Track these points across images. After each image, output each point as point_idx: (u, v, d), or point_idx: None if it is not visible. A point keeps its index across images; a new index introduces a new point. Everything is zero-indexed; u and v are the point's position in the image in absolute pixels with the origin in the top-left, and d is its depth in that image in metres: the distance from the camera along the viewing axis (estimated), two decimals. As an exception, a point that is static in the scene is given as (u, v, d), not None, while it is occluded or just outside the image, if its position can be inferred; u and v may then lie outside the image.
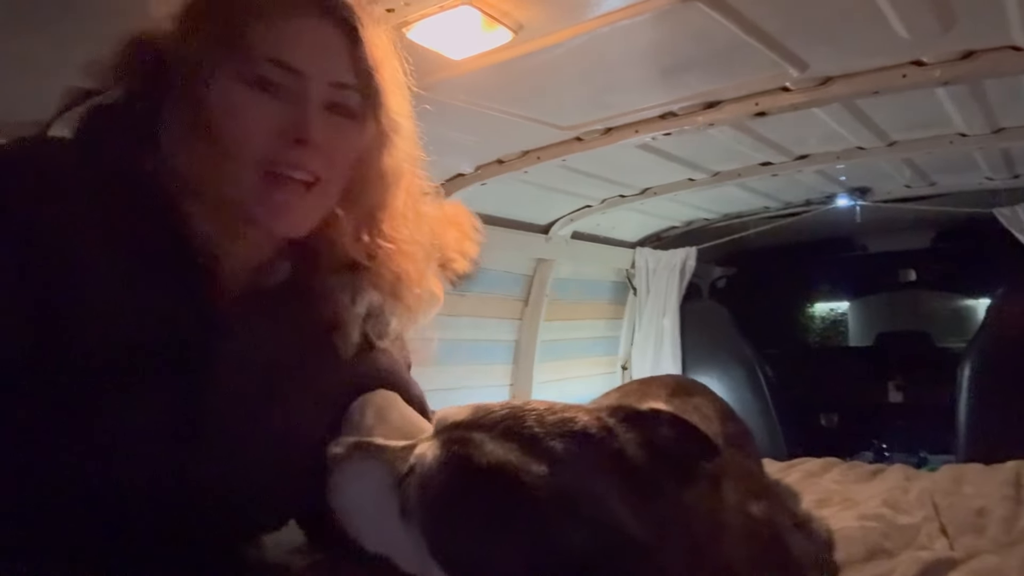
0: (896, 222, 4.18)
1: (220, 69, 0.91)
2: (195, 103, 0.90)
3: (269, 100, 0.91)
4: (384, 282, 1.07)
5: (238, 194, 0.92)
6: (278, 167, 0.92)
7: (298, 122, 0.92)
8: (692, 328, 4.32)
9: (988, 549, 1.25)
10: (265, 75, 0.91)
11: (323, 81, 0.94)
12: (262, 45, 0.91)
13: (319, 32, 0.95)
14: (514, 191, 2.89)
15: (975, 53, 1.84)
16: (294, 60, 0.92)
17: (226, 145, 0.90)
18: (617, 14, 1.57)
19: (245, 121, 0.91)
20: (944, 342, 5.08)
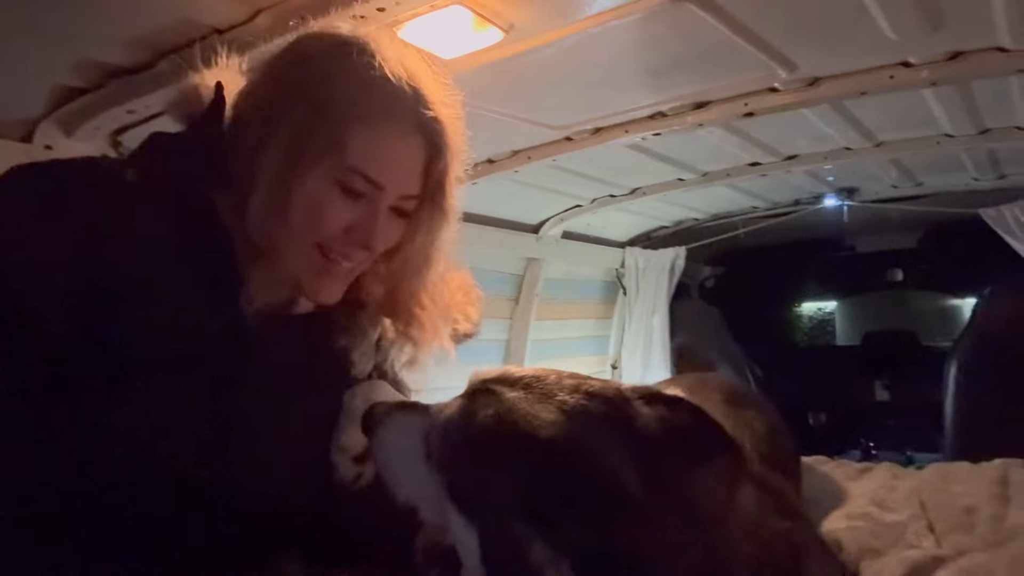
0: (883, 222, 4.21)
1: (314, 161, 0.97)
2: (280, 179, 0.97)
3: (347, 201, 1.00)
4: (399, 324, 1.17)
5: (292, 263, 1.01)
6: (333, 253, 1.01)
7: (367, 230, 1.01)
8: (681, 327, 4.33)
9: (976, 547, 1.26)
10: (351, 184, 0.99)
11: (396, 194, 1.03)
12: (356, 157, 0.98)
13: (406, 148, 1.03)
14: (504, 191, 2.89)
15: (962, 54, 1.86)
16: (377, 175, 1.00)
17: (297, 225, 0.98)
18: (607, 15, 1.57)
19: (322, 215, 0.99)
20: (931, 341, 5.12)
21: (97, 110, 1.67)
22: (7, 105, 1.66)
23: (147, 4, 1.38)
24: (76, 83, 1.63)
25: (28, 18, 1.36)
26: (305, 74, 1.00)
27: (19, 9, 1.33)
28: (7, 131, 1.71)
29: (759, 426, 1.42)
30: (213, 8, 1.40)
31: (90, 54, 1.53)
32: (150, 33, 1.47)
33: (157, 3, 1.38)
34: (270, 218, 0.98)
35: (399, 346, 1.20)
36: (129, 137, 1.83)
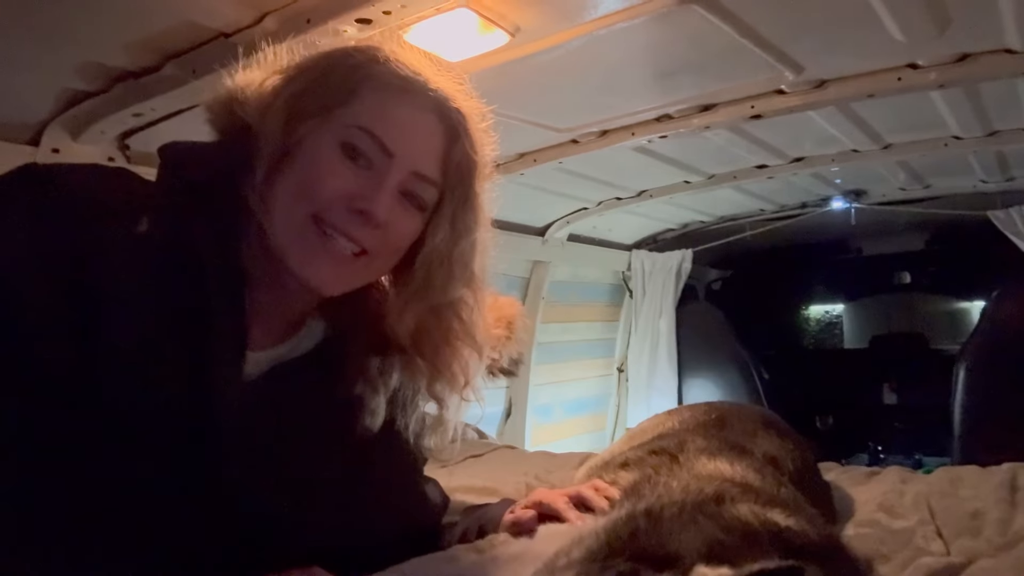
0: (891, 225, 4.20)
1: (321, 123, 0.93)
2: (278, 139, 0.92)
3: (351, 166, 0.93)
4: (419, 371, 1.05)
5: (285, 235, 0.93)
6: (330, 226, 0.92)
7: (369, 196, 0.92)
8: (688, 330, 4.32)
9: (983, 551, 1.25)
10: (356, 143, 0.93)
11: (407, 167, 0.95)
12: (364, 114, 0.93)
13: (422, 123, 0.97)
14: (510, 193, 2.89)
15: (970, 56, 1.85)
16: (387, 138, 0.93)
17: (292, 187, 0.92)
18: (614, 17, 1.57)
19: (322, 177, 0.92)
20: (939, 344, 5.09)
21: (104, 113, 1.68)
22: (14, 108, 1.67)
23: (153, 8, 1.38)
24: (83, 87, 1.63)
25: (35, 22, 1.37)
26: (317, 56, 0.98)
27: (26, 13, 1.34)
28: (14, 134, 1.72)
29: (797, 456, 1.43)
30: (219, 11, 1.41)
31: (96, 58, 1.53)
32: (156, 36, 1.48)
33: (163, 7, 1.38)
34: (268, 188, 0.92)
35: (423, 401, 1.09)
36: (136, 140, 1.84)
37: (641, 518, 0.85)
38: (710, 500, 0.91)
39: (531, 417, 3.68)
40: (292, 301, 1.01)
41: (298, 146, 0.93)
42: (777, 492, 1.06)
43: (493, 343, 1.21)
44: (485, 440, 2.78)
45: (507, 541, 1.05)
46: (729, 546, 0.79)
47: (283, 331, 1.02)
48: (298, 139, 0.93)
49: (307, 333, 1.05)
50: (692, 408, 1.69)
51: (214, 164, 0.95)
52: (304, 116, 0.93)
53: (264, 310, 0.97)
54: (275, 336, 1.01)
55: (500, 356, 1.24)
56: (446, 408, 1.09)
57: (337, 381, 1.02)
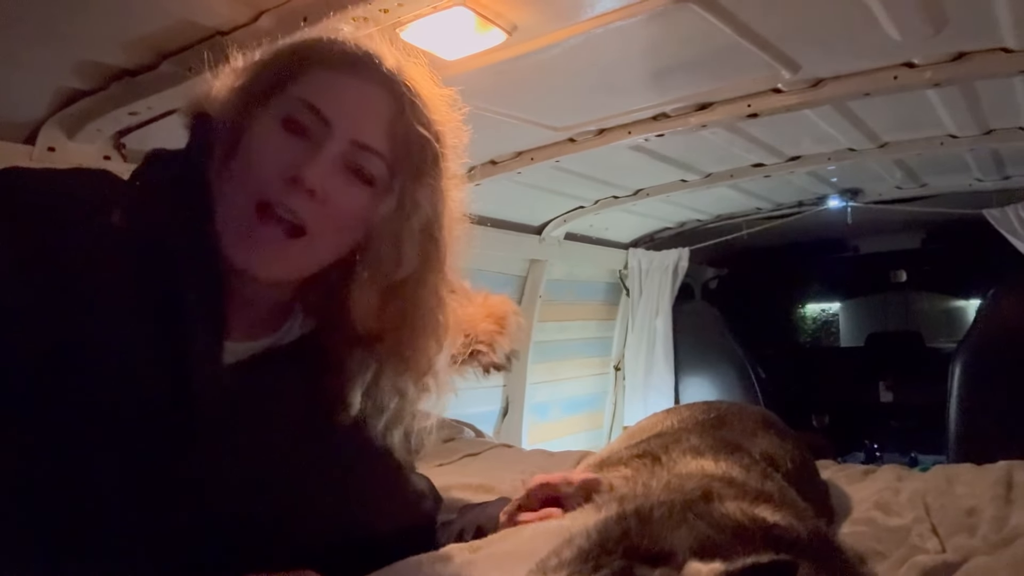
0: (887, 223, 4.21)
1: (268, 105, 0.92)
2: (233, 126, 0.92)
3: (289, 138, 0.91)
4: (394, 363, 1.02)
5: (225, 220, 0.89)
6: (268, 203, 0.89)
7: (301, 162, 0.89)
8: (685, 329, 4.33)
9: (979, 549, 1.25)
10: (295, 116, 0.91)
11: (347, 136, 0.92)
12: (304, 89, 0.92)
13: (363, 93, 0.95)
14: (507, 192, 2.89)
15: (966, 55, 1.86)
16: (326, 108, 0.91)
17: (240, 173, 0.90)
18: (611, 15, 1.57)
19: (261, 153, 0.90)
20: (935, 342, 5.12)
21: (100, 112, 1.67)
22: (10, 107, 1.67)
23: (150, 6, 1.38)
24: (79, 85, 1.63)
25: (31, 20, 1.37)
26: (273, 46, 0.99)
27: (22, 11, 1.34)
28: (10, 133, 1.71)
29: (796, 456, 1.43)
30: (215, 10, 1.41)
31: (93, 56, 1.53)
32: (152, 35, 1.48)
33: (160, 5, 1.38)
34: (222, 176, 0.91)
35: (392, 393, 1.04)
36: (132, 139, 1.84)
37: (632, 518, 0.85)
38: (699, 499, 0.91)
39: (528, 415, 3.68)
40: (267, 290, 0.98)
41: (247, 130, 0.92)
42: (763, 487, 1.06)
43: (483, 337, 1.19)
44: (482, 439, 2.78)
45: (501, 540, 1.05)
46: (720, 543, 0.79)
47: (267, 322, 1.01)
48: (248, 123, 0.92)
49: (291, 325, 1.03)
50: (691, 407, 1.69)
51: (187, 160, 0.94)
52: (253, 101, 0.93)
53: (244, 300, 0.95)
54: (258, 327, 1.00)
55: (492, 351, 1.21)
56: (408, 399, 1.05)
57: (316, 374, 0.99)
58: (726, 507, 0.89)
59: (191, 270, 0.88)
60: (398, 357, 1.01)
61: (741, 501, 0.93)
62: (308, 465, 0.98)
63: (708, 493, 0.94)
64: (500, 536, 1.07)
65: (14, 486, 0.79)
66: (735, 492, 0.97)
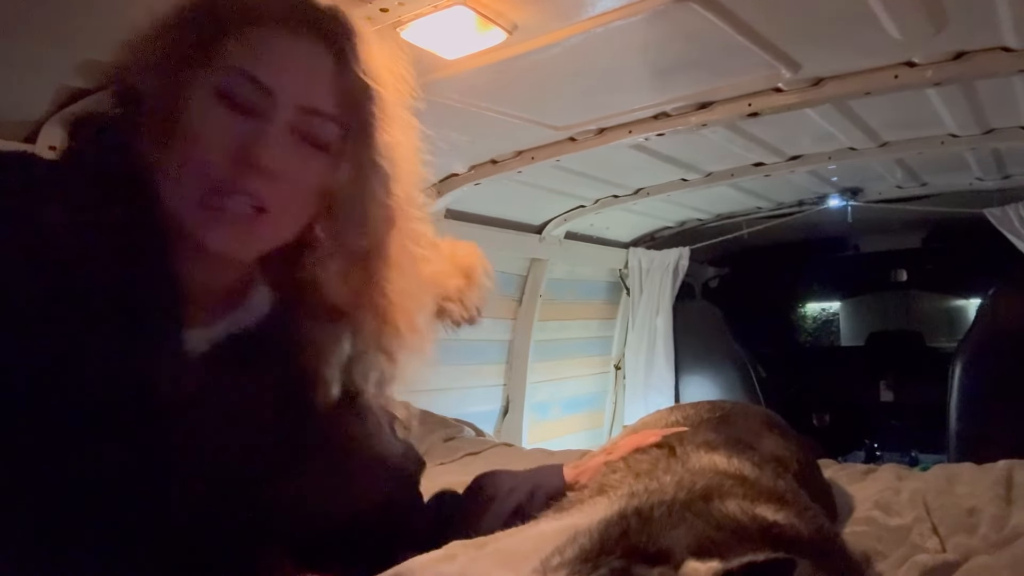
0: (887, 222, 4.21)
1: (194, 75, 0.84)
2: (167, 109, 0.84)
3: (232, 115, 0.84)
4: (368, 331, 0.97)
5: (180, 206, 0.84)
6: (222, 188, 0.83)
7: (252, 143, 0.82)
8: (685, 328, 4.33)
9: (979, 549, 1.25)
10: (233, 88, 0.84)
11: (292, 104, 0.86)
12: (234, 54, 0.84)
13: (300, 50, 0.87)
14: (508, 191, 2.89)
15: (966, 54, 1.85)
16: (264, 76, 0.84)
17: (183, 156, 0.83)
18: (611, 15, 1.57)
19: (202, 134, 0.83)
20: (935, 342, 5.11)
21: (101, 111, 1.67)
22: (11, 106, 1.67)
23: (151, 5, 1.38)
24: (80, 84, 1.63)
25: (32, 19, 1.37)
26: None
27: (23, 10, 1.34)
28: (11, 132, 1.71)
29: (802, 457, 1.43)
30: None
31: (94, 55, 1.53)
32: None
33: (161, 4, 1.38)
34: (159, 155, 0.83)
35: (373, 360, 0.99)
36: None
37: (632, 517, 0.85)
38: (699, 498, 0.92)
39: (528, 414, 3.68)
40: (223, 269, 0.92)
41: (181, 104, 0.83)
42: (773, 486, 1.06)
43: (453, 293, 1.15)
44: (482, 438, 2.78)
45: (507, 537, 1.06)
46: (719, 542, 0.80)
47: (225, 303, 0.95)
48: (180, 96, 0.83)
49: (253, 303, 0.97)
50: (696, 405, 1.68)
51: (116, 134, 0.86)
52: (181, 69, 0.84)
53: (198, 283, 0.89)
54: (218, 310, 0.94)
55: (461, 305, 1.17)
56: (396, 360, 1.00)
57: (289, 352, 0.94)
58: (727, 506, 0.89)
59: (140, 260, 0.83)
60: (379, 320, 0.97)
61: (743, 500, 0.93)
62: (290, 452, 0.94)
63: (709, 492, 0.94)
64: (507, 533, 1.07)
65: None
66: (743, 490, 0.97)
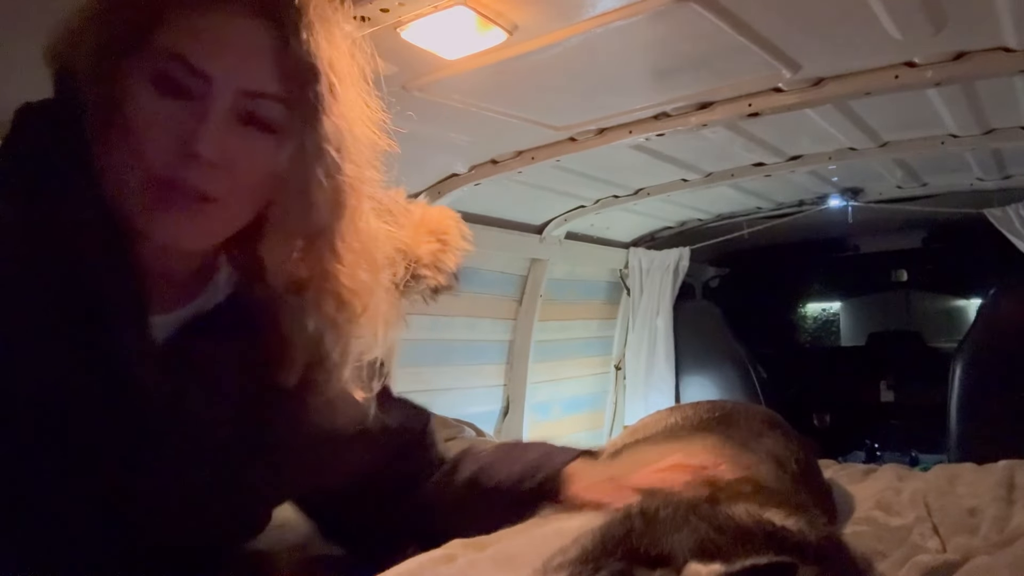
0: (888, 222, 4.20)
1: (130, 63, 0.80)
2: (104, 97, 0.81)
3: (168, 103, 0.80)
4: (327, 307, 0.94)
5: (124, 198, 0.81)
6: (166, 179, 0.80)
7: (190, 133, 0.79)
8: (685, 328, 4.33)
9: (980, 549, 1.25)
10: (167, 73, 0.79)
11: (232, 88, 0.81)
12: (168, 39, 0.80)
13: (235, 29, 0.82)
14: (508, 191, 2.89)
15: (967, 54, 1.85)
16: (199, 60, 0.80)
17: (121, 147, 0.80)
18: (611, 15, 1.57)
19: (141, 126, 0.79)
20: (936, 342, 5.11)
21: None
22: (11, 106, 1.66)
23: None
24: (80, 84, 1.63)
25: (31, 19, 1.36)
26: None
27: (24, 10, 1.33)
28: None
29: (801, 457, 1.43)
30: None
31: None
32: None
33: (160, 4, 1.38)
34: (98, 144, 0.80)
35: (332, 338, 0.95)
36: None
37: (636, 518, 0.85)
38: (704, 499, 0.92)
39: (529, 415, 3.68)
40: (182, 256, 0.90)
41: (117, 91, 0.80)
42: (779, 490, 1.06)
43: (425, 259, 1.12)
44: (483, 438, 2.78)
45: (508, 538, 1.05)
46: (722, 545, 0.79)
47: (189, 287, 0.93)
48: (116, 83, 0.80)
49: (217, 285, 0.96)
50: (696, 406, 1.68)
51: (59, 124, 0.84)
52: (115, 54, 0.80)
53: (158, 269, 0.87)
54: (182, 294, 0.92)
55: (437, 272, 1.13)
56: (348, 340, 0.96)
57: (252, 332, 0.93)
58: (732, 509, 0.89)
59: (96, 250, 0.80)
60: (331, 299, 0.94)
61: (750, 503, 0.93)
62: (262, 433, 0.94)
63: (715, 495, 0.94)
64: (509, 534, 1.07)
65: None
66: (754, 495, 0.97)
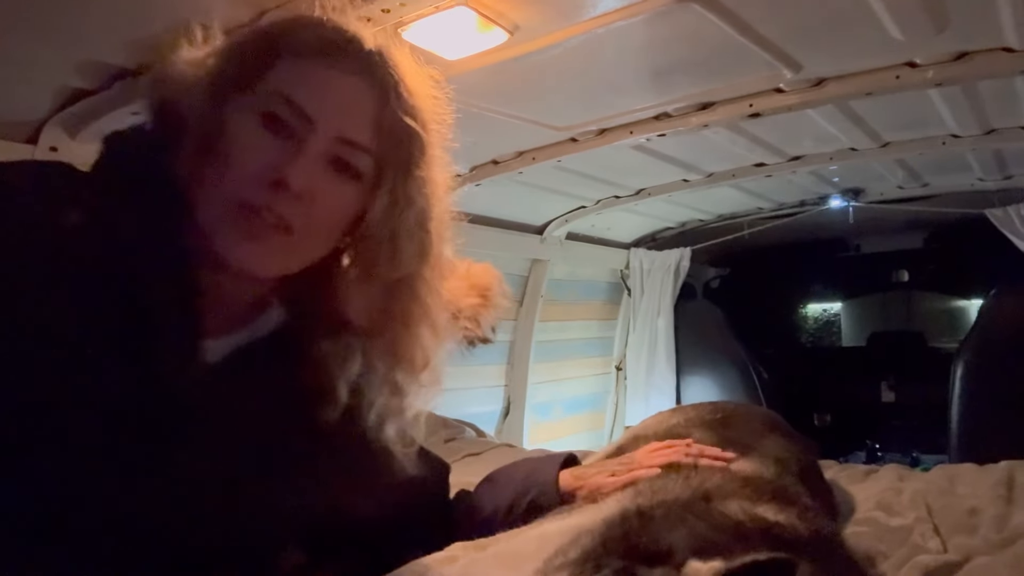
0: (889, 223, 4.21)
1: (244, 97, 0.88)
2: (203, 116, 0.88)
3: (270, 137, 0.87)
4: (378, 354, 0.99)
5: (211, 218, 0.87)
6: (252, 205, 0.86)
7: (285, 164, 0.85)
8: (686, 328, 4.33)
9: (980, 549, 1.25)
10: (275, 111, 0.87)
11: (330, 134, 0.88)
12: (281, 81, 0.88)
13: (345, 85, 0.91)
14: (509, 192, 2.89)
15: (968, 55, 1.85)
16: (307, 104, 0.87)
17: (220, 171, 0.86)
18: (612, 15, 1.57)
19: (242, 153, 0.86)
20: (937, 342, 5.11)
21: (102, 111, 1.67)
22: (12, 106, 1.67)
23: (151, 5, 1.38)
24: (81, 85, 1.63)
25: (33, 20, 1.37)
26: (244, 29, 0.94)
27: (24, 11, 1.34)
28: (12, 133, 1.72)
29: (802, 458, 1.43)
30: (217, 9, 1.40)
31: (95, 56, 1.53)
32: (154, 34, 1.47)
33: (161, 4, 1.38)
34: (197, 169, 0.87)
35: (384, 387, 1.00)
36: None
37: (634, 518, 0.85)
38: (699, 498, 0.92)
39: (529, 415, 3.68)
40: (243, 284, 0.94)
41: (223, 124, 0.88)
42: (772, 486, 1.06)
43: (467, 312, 1.17)
44: (483, 438, 2.78)
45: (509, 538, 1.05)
46: (720, 543, 0.80)
47: (241, 317, 0.97)
48: (223, 116, 0.88)
49: (268, 317, 1.00)
50: (697, 407, 1.68)
51: (148, 151, 0.91)
52: (227, 91, 0.88)
53: (216, 295, 0.91)
54: (235, 322, 0.96)
55: (476, 325, 1.18)
56: (404, 394, 1.01)
57: (296, 367, 0.96)
58: (727, 507, 0.89)
59: (161, 269, 0.85)
60: (393, 353, 0.99)
61: (743, 500, 0.93)
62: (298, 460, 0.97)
63: (709, 493, 0.94)
64: (508, 534, 1.07)
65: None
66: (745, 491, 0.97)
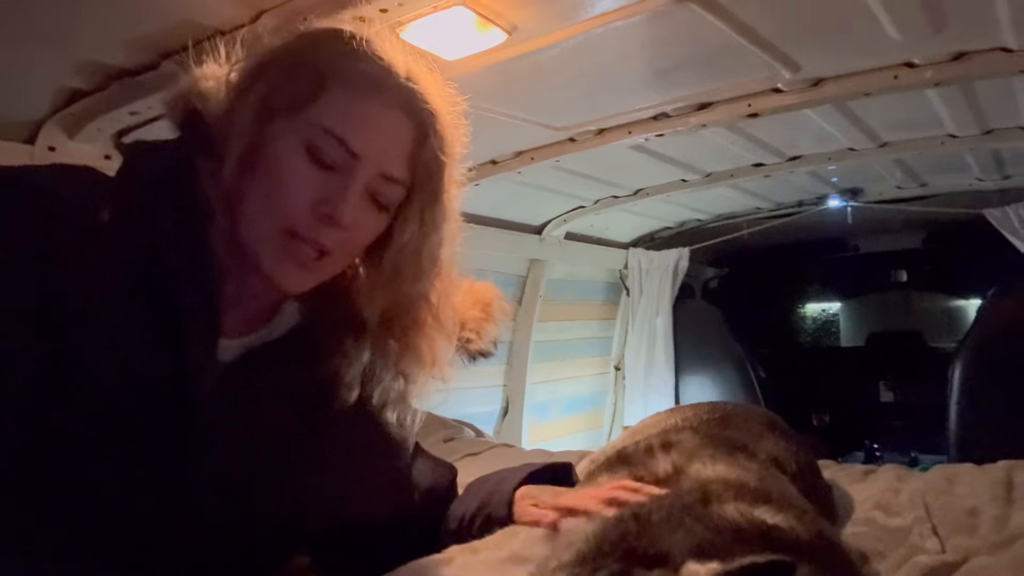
0: (887, 223, 4.21)
1: (289, 123, 0.91)
2: (249, 139, 0.91)
3: (316, 170, 0.91)
4: (389, 350, 1.06)
5: (255, 241, 0.92)
6: (298, 235, 0.91)
7: (335, 202, 0.91)
8: (685, 328, 4.33)
9: (979, 549, 1.25)
10: (321, 146, 0.91)
11: (373, 169, 0.93)
12: (329, 116, 0.91)
13: (389, 122, 0.95)
14: (507, 192, 2.89)
15: (966, 55, 1.86)
16: (354, 142, 0.91)
17: (265, 197, 0.91)
18: (611, 15, 1.57)
19: (288, 184, 0.91)
20: (935, 342, 5.11)
21: (100, 112, 1.67)
22: (10, 107, 1.67)
23: (150, 6, 1.38)
24: (79, 85, 1.63)
25: (31, 20, 1.37)
26: (290, 42, 0.96)
27: (22, 11, 1.34)
28: (10, 133, 1.71)
29: (801, 458, 1.43)
30: (216, 10, 1.40)
31: (93, 56, 1.53)
32: (153, 34, 1.47)
33: (160, 5, 1.38)
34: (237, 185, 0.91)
35: (391, 376, 1.08)
36: (133, 139, 1.84)
37: (630, 521, 0.85)
38: (697, 501, 0.91)
39: (528, 415, 3.68)
40: (264, 289, 0.99)
41: (266, 146, 0.92)
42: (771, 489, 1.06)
43: (470, 324, 1.22)
44: (482, 438, 2.78)
45: (501, 542, 1.05)
46: (718, 545, 0.79)
47: (258, 317, 1.02)
48: (266, 138, 0.92)
49: (281, 318, 1.04)
50: (695, 407, 1.68)
51: (175, 157, 0.95)
52: (272, 114, 0.92)
53: (236, 298, 0.97)
54: (250, 323, 1.01)
55: (478, 337, 1.23)
56: (412, 384, 1.10)
57: (313, 359, 1.01)
58: (724, 509, 0.89)
59: (184, 268, 0.88)
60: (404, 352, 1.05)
61: (740, 502, 0.93)
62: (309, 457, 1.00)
63: (707, 495, 0.94)
64: (500, 538, 1.07)
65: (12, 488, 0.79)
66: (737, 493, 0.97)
